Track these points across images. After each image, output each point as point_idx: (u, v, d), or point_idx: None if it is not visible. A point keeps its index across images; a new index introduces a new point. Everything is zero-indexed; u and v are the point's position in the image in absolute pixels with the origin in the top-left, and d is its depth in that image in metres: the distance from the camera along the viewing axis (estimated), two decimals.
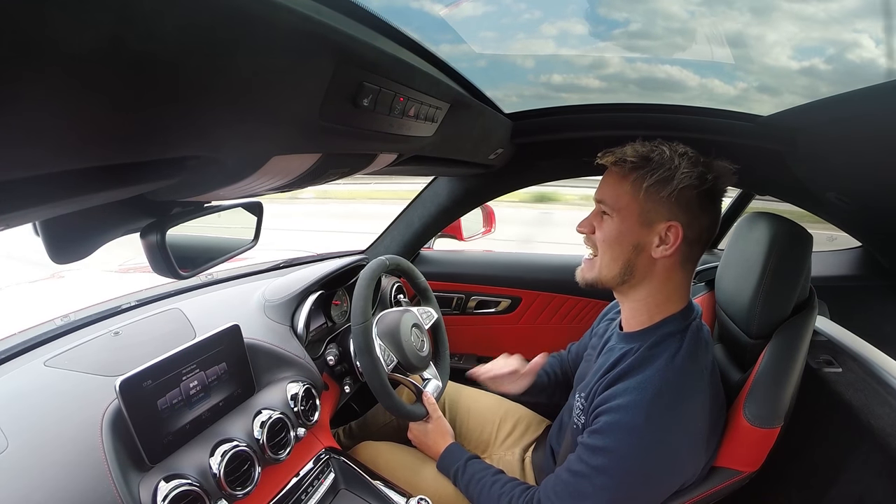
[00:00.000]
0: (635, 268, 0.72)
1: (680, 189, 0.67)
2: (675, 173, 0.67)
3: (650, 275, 0.72)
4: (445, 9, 0.76)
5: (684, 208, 0.68)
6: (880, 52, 0.71)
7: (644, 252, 0.71)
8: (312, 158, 0.52)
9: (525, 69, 1.00)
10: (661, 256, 0.70)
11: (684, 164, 0.68)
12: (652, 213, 0.69)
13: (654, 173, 0.68)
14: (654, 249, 0.70)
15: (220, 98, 0.30)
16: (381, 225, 1.49)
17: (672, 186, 0.67)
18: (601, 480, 0.67)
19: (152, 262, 0.50)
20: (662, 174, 0.67)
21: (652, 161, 0.68)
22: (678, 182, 0.67)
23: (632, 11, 0.84)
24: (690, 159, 0.68)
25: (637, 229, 0.70)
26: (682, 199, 0.68)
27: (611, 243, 0.72)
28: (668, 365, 0.68)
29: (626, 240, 0.71)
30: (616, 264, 0.72)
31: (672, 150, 0.69)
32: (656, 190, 0.68)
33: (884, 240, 1.18)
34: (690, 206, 0.68)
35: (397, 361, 0.94)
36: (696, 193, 0.68)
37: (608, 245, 0.73)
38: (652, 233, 0.70)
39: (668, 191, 0.67)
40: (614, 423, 0.67)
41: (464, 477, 0.85)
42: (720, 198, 0.72)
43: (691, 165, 0.68)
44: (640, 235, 0.70)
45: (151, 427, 0.63)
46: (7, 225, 0.33)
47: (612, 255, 0.72)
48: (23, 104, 0.20)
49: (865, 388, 0.83)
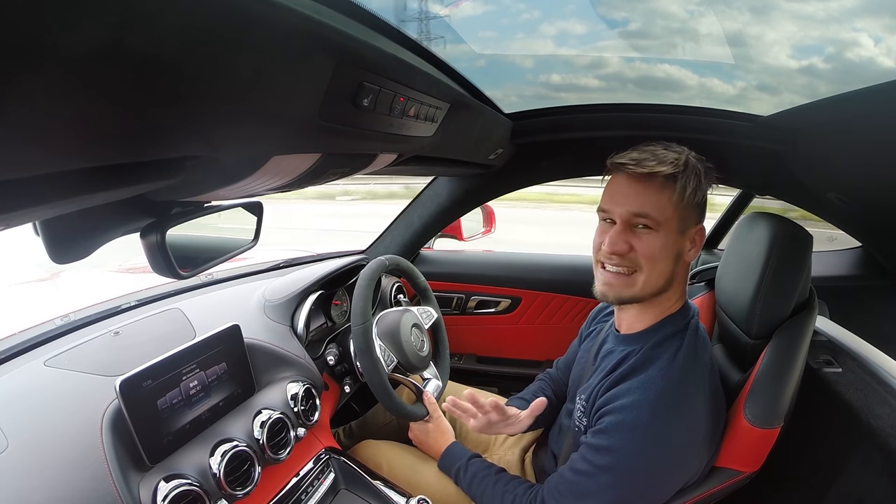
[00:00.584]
0: (675, 277, 0.72)
1: (706, 190, 0.70)
2: (701, 177, 0.68)
3: (679, 280, 0.73)
4: (446, 9, 0.76)
5: (703, 208, 0.72)
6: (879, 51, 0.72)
7: (681, 259, 0.71)
8: (312, 158, 0.52)
9: (524, 69, 1.00)
10: (690, 259, 0.72)
11: (701, 165, 0.70)
12: (687, 220, 0.70)
13: (690, 180, 0.67)
14: (686, 254, 0.71)
15: (219, 98, 0.30)
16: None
17: (703, 191, 0.69)
18: (606, 479, 0.67)
19: (152, 262, 0.50)
20: (696, 181, 0.68)
21: (688, 167, 0.68)
22: (706, 184, 0.69)
23: (631, 11, 0.84)
24: (700, 159, 0.70)
25: (677, 239, 0.70)
26: (704, 200, 0.71)
27: (658, 259, 0.69)
28: (670, 364, 0.69)
29: (671, 251, 0.70)
30: (662, 278, 0.70)
31: (680, 150, 0.70)
32: (693, 196, 0.68)
33: (884, 240, 1.18)
34: (704, 205, 0.72)
35: (397, 361, 0.94)
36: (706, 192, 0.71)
37: (655, 261, 0.69)
38: (685, 239, 0.71)
39: (701, 195, 0.69)
40: (618, 422, 0.67)
41: (466, 476, 0.85)
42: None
43: (703, 164, 0.70)
44: (679, 244, 0.70)
45: (151, 427, 0.63)
46: (7, 225, 0.32)
47: (659, 271, 0.70)
48: (23, 104, 0.20)
49: (865, 388, 0.83)
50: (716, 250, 1.66)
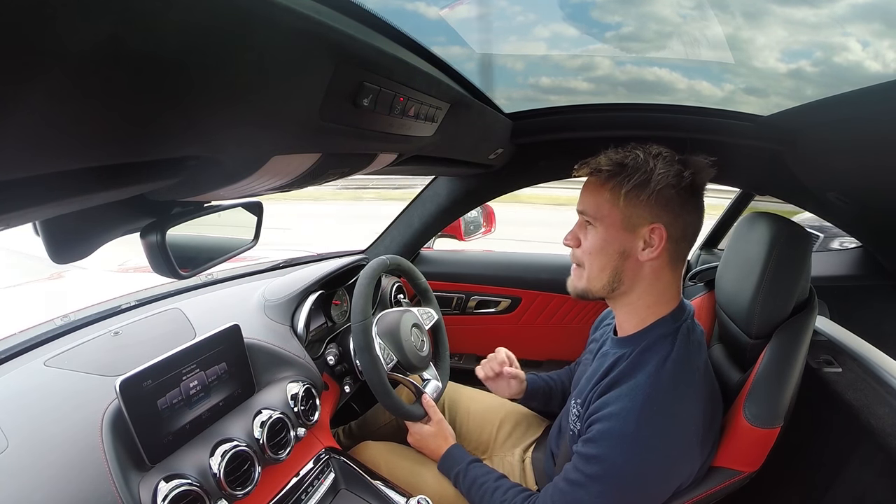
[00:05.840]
0: (623, 274, 0.72)
1: (658, 190, 0.67)
2: (651, 175, 0.67)
3: (639, 278, 0.72)
4: (441, 10, 0.76)
5: (665, 208, 0.69)
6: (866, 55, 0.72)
7: (631, 257, 0.71)
8: (312, 158, 0.52)
9: (514, 71, 1.01)
10: (648, 259, 0.70)
11: (660, 164, 0.68)
12: (634, 218, 0.69)
13: (630, 178, 0.68)
14: (640, 253, 0.70)
15: (220, 98, 0.30)
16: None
17: (650, 189, 0.67)
18: (597, 489, 0.67)
19: (152, 262, 0.50)
20: (639, 178, 0.67)
21: (627, 167, 0.69)
22: (655, 183, 0.67)
23: (624, 15, 0.84)
24: (665, 159, 0.68)
25: (621, 236, 0.70)
26: (661, 200, 0.68)
27: (596, 253, 0.72)
28: (658, 370, 0.68)
29: (612, 248, 0.71)
30: (604, 273, 0.73)
31: (646, 152, 0.69)
32: (635, 194, 0.68)
33: (884, 240, 1.18)
34: (671, 205, 0.69)
35: (397, 361, 0.94)
36: (675, 192, 0.68)
37: (594, 255, 0.73)
38: (636, 237, 0.70)
39: (647, 193, 0.68)
40: (606, 431, 0.67)
41: (465, 480, 0.85)
42: (701, 192, 0.72)
43: (667, 165, 0.68)
44: (625, 241, 0.70)
45: (151, 427, 0.63)
46: (7, 225, 0.32)
47: (599, 265, 0.73)
48: (23, 104, 0.20)
49: (865, 388, 0.83)
50: (716, 250, 1.66)
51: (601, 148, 0.73)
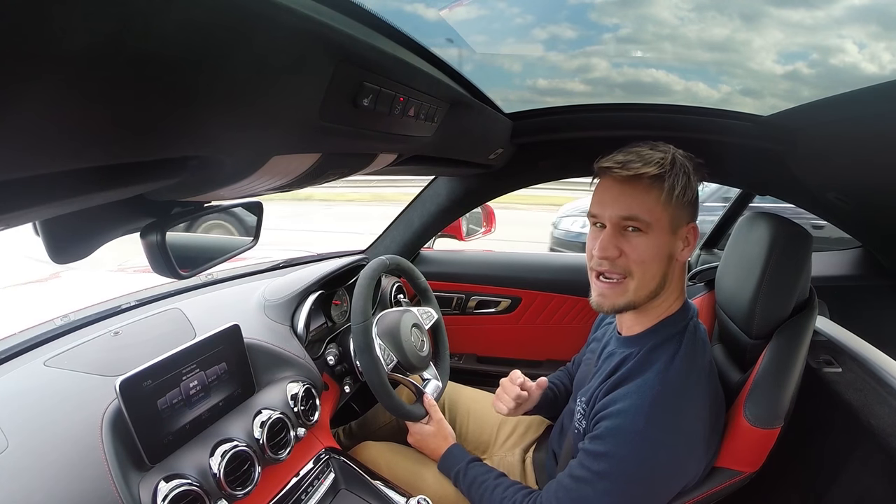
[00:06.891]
0: (667, 278, 0.70)
1: (695, 188, 0.69)
2: (690, 175, 0.68)
3: (671, 280, 0.72)
4: (440, 12, 0.76)
5: (695, 205, 0.71)
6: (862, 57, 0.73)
7: (673, 259, 0.70)
8: (312, 158, 0.52)
9: (511, 73, 1.01)
10: (684, 258, 0.71)
11: (689, 163, 0.69)
12: (677, 219, 0.69)
13: (679, 179, 0.67)
14: (679, 254, 0.70)
15: (219, 98, 0.30)
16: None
17: (693, 188, 0.68)
18: (603, 485, 0.67)
19: (152, 262, 0.50)
20: (684, 179, 0.67)
21: (675, 166, 0.67)
22: (695, 182, 0.69)
23: (623, 17, 0.85)
24: (688, 157, 0.70)
25: (669, 239, 0.69)
26: (694, 198, 0.70)
27: (650, 261, 0.68)
28: (666, 368, 0.68)
29: (663, 252, 0.69)
30: (654, 281, 0.69)
31: (673, 150, 0.70)
32: (682, 195, 0.67)
33: (884, 240, 1.18)
34: (695, 202, 0.71)
35: (397, 361, 0.94)
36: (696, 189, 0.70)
37: (647, 263, 0.68)
38: (678, 238, 0.70)
39: (691, 193, 0.69)
40: (614, 427, 0.67)
41: (465, 480, 0.85)
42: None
43: (692, 161, 0.70)
44: (671, 244, 0.69)
45: (151, 427, 0.63)
46: (7, 225, 0.32)
47: (651, 274, 0.69)
48: (22, 104, 0.20)
49: (865, 388, 0.83)
50: (716, 250, 1.66)
51: (602, 148, 0.73)
